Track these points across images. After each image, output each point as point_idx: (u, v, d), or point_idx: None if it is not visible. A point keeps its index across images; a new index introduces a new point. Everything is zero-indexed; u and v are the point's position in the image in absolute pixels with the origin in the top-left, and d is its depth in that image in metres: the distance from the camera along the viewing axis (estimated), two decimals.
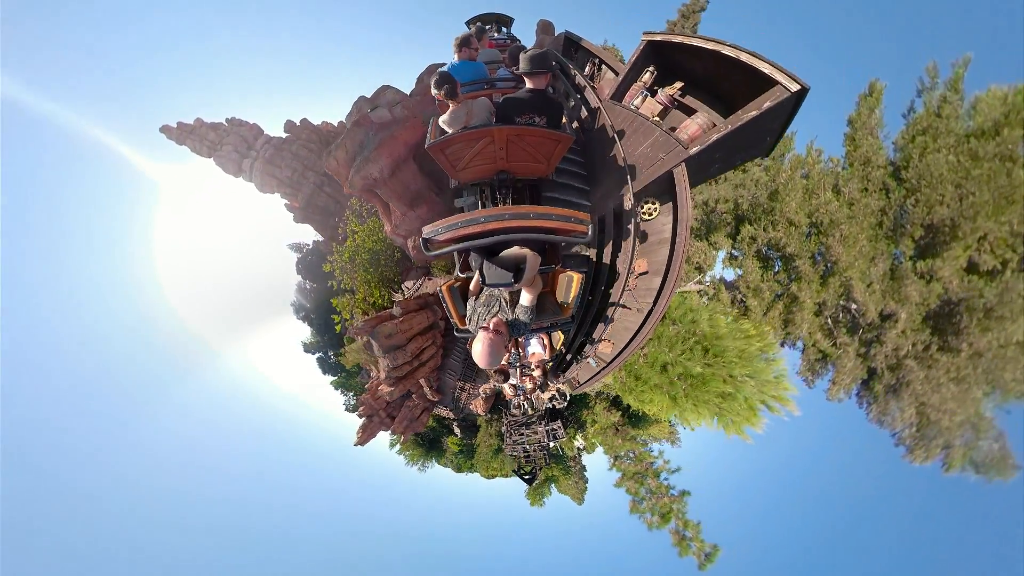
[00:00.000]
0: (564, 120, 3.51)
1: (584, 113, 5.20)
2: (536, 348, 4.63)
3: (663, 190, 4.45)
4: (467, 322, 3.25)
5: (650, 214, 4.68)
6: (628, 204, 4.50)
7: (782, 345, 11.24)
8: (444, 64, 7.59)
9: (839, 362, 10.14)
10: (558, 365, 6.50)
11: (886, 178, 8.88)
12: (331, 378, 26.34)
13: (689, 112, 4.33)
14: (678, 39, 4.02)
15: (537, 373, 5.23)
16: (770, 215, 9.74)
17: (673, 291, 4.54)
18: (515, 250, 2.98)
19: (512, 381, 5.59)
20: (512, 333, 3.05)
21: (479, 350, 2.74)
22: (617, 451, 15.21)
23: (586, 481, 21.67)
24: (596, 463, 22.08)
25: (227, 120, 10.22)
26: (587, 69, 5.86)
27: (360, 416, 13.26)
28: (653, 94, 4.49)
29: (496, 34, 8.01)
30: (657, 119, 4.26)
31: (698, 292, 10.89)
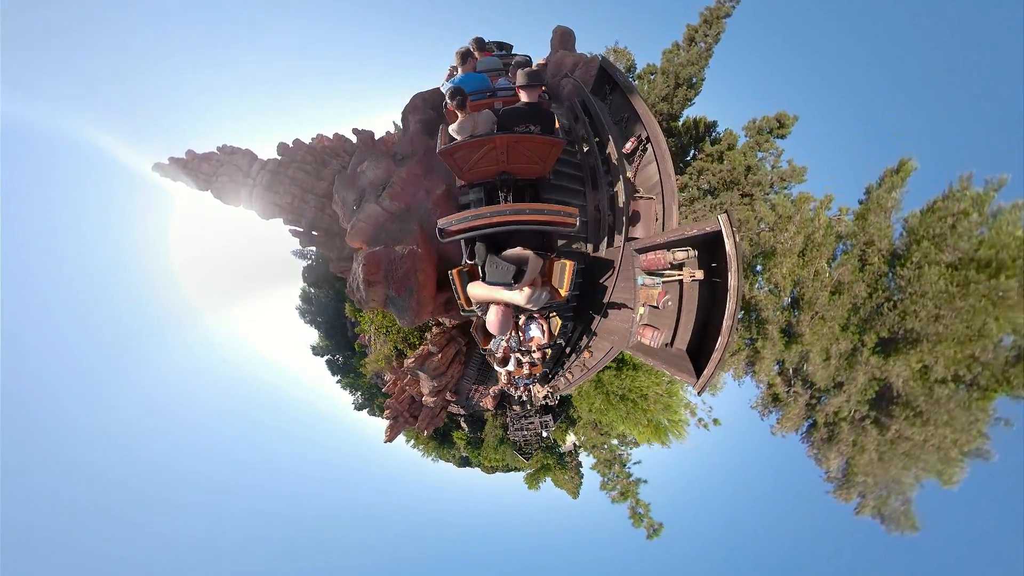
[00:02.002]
0: (556, 126, 3.93)
1: (605, 184, 4.86)
2: (536, 333, 4.88)
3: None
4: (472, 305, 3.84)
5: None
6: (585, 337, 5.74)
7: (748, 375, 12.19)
8: (424, 91, 7.46)
9: (786, 408, 11.14)
10: (557, 361, 7.52)
11: (883, 265, 8.83)
12: (339, 378, 28.80)
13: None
14: (732, 265, 3.77)
15: (537, 356, 5.34)
16: (764, 271, 10.16)
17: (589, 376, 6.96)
18: (518, 250, 3.35)
19: (510, 367, 5.69)
20: (516, 310, 3.48)
21: (492, 319, 3.24)
22: (593, 442, 18.82)
23: (581, 477, 24.34)
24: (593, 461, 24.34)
25: (219, 148, 9.72)
26: (629, 144, 5.07)
27: (387, 418, 16.77)
28: (675, 267, 4.42)
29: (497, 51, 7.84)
30: (641, 312, 4.64)
31: None
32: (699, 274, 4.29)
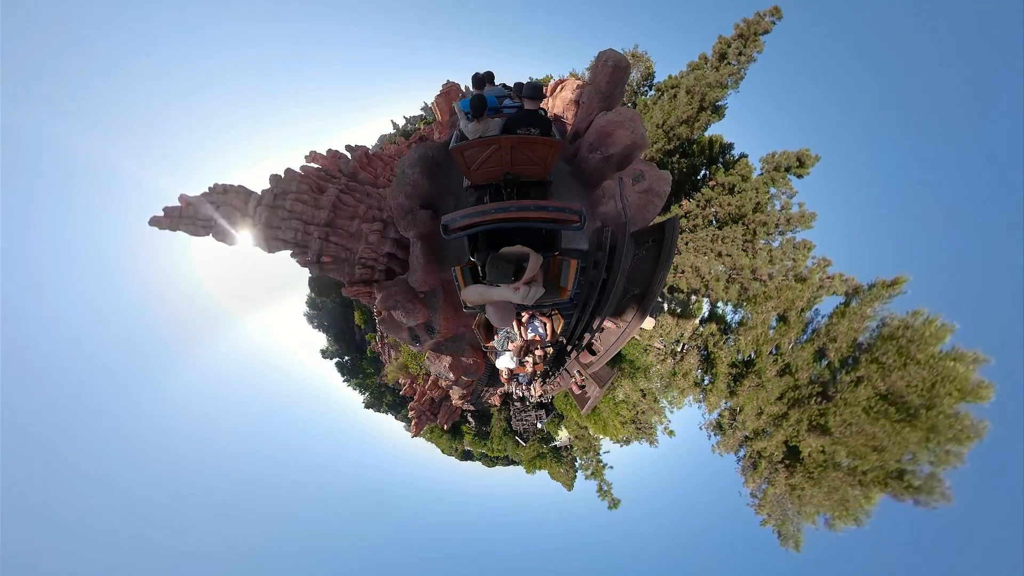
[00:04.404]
0: (553, 130, 4.32)
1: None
2: (539, 331, 5.12)
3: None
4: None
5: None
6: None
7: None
8: (405, 179, 6.86)
9: (726, 436, 12.72)
10: (557, 358, 7.67)
11: (836, 363, 9.49)
12: (346, 379, 30.88)
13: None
14: (588, 407, 8.86)
15: (539, 354, 5.44)
16: (735, 330, 11.20)
17: (562, 390, 11.46)
18: (518, 248, 3.32)
19: (512, 364, 5.66)
20: (517, 307, 3.67)
21: (493, 315, 3.44)
22: (576, 433, 23.83)
23: (576, 470, 27.49)
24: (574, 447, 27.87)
25: (210, 188, 9.04)
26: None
27: (412, 418, 21.86)
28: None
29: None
30: (573, 380, 8.07)
31: (658, 350, 13.43)
32: (604, 388, 6.90)
